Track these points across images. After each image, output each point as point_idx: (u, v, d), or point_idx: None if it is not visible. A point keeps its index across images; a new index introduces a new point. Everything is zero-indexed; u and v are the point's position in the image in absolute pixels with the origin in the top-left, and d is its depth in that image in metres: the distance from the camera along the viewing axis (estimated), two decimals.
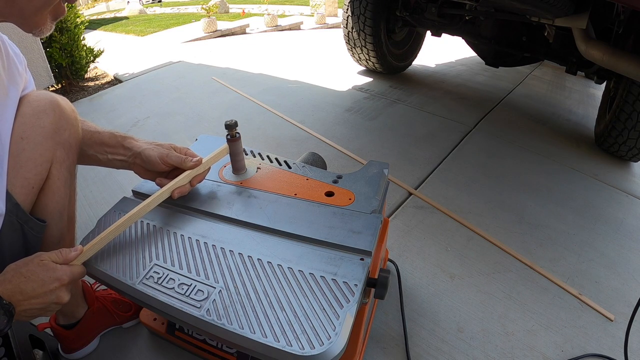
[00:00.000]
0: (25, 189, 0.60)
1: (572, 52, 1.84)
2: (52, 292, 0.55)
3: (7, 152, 0.58)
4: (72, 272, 0.58)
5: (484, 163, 1.66)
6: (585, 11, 1.40)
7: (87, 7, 15.52)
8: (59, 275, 0.55)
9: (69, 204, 0.70)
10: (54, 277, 0.55)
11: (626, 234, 1.32)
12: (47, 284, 0.54)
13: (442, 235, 1.23)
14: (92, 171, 1.52)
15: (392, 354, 0.88)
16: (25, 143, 0.59)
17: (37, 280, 0.53)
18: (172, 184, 0.71)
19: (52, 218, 0.66)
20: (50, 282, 0.54)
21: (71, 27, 2.49)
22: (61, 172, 0.66)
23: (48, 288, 0.54)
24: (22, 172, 0.60)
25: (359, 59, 2.55)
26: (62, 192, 0.66)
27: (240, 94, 2.27)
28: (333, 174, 0.82)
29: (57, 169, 0.65)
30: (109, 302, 0.89)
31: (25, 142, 0.60)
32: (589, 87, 3.13)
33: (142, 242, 0.67)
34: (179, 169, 0.74)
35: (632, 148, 1.74)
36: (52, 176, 0.64)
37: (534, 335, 0.94)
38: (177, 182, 0.71)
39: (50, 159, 0.63)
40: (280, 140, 1.76)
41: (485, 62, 2.43)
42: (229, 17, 8.06)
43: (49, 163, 0.63)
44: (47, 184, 0.64)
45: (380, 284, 0.62)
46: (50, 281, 0.54)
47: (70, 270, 0.57)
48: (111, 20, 9.63)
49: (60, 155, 0.65)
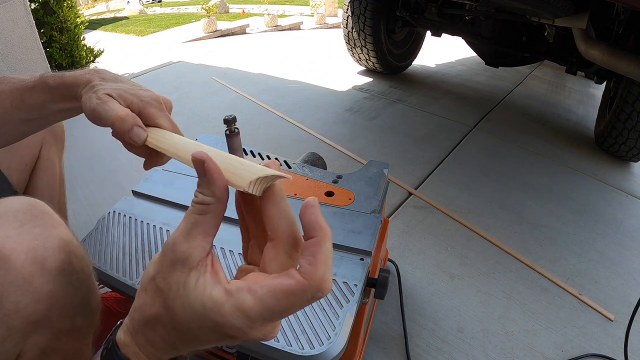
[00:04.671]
0: (20, 165, 0.66)
1: (572, 52, 1.84)
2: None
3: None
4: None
5: (484, 163, 1.66)
6: (585, 11, 1.40)
7: (87, 7, 15.52)
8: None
9: (59, 190, 0.76)
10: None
11: (626, 234, 1.32)
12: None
13: (442, 235, 1.23)
14: (92, 171, 1.52)
15: (392, 354, 0.88)
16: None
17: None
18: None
19: (43, 198, 0.68)
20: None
21: (71, 27, 2.50)
22: (50, 153, 0.73)
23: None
24: (19, 149, 0.66)
25: (359, 59, 2.55)
26: (51, 172, 0.74)
27: (240, 94, 2.27)
28: (333, 174, 0.82)
29: (46, 149, 0.72)
30: (111, 302, 0.89)
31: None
32: (589, 87, 3.14)
33: (142, 242, 0.67)
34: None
35: (632, 148, 1.74)
36: (42, 156, 0.71)
37: (534, 335, 0.94)
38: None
39: (41, 140, 0.70)
40: (280, 140, 1.76)
41: (485, 62, 2.43)
42: (229, 17, 8.06)
43: (40, 144, 0.71)
44: (37, 164, 0.71)
45: (380, 284, 0.62)
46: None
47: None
48: (111, 20, 9.63)
49: (49, 138, 0.72)
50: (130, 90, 0.42)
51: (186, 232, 0.27)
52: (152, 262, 0.28)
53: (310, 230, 0.26)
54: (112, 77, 0.44)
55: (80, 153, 1.64)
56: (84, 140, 1.75)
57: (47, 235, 0.38)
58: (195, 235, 0.26)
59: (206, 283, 0.26)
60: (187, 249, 0.26)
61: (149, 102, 0.41)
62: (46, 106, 0.46)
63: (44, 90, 0.45)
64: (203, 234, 0.27)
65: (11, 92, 0.45)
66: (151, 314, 0.27)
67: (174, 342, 0.28)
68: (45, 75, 0.45)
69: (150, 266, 0.28)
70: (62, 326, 0.38)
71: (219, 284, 0.26)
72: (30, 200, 0.40)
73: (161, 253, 0.27)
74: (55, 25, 2.42)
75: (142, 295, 0.28)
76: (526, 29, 2.05)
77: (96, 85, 0.42)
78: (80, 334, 0.41)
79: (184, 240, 0.26)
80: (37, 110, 0.46)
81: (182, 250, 0.26)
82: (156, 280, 0.27)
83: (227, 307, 0.25)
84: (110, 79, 0.44)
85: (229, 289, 0.25)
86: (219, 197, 0.27)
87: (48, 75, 0.45)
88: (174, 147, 0.37)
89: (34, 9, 2.35)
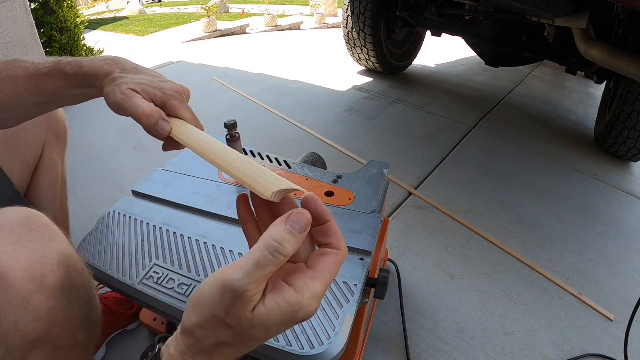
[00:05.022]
0: (22, 166, 0.65)
1: (572, 52, 1.84)
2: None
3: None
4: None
5: (484, 163, 1.66)
6: (585, 11, 1.40)
7: (87, 7, 15.52)
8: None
9: (61, 190, 0.74)
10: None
11: (626, 234, 1.32)
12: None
13: (442, 235, 1.23)
14: (92, 171, 1.52)
15: (392, 354, 0.88)
16: (24, 124, 0.63)
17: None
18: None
19: (46, 198, 0.69)
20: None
21: (71, 27, 2.50)
22: (52, 154, 0.71)
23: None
24: (20, 150, 0.65)
25: (359, 59, 2.55)
26: (53, 172, 0.72)
27: (240, 94, 2.27)
28: (333, 174, 0.82)
29: (49, 150, 0.71)
30: (111, 302, 0.89)
31: (24, 123, 0.64)
32: (589, 87, 3.13)
33: (142, 242, 0.67)
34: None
35: (632, 148, 1.74)
36: (44, 156, 0.70)
37: (534, 335, 0.94)
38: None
39: (43, 140, 0.69)
40: (280, 140, 1.76)
41: (485, 62, 2.43)
42: (229, 17, 8.06)
43: (42, 144, 0.69)
44: (40, 164, 0.70)
45: (380, 284, 0.62)
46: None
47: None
48: (111, 20, 9.63)
49: (52, 139, 0.71)
50: (152, 84, 0.43)
51: (249, 272, 0.27)
52: (207, 302, 0.28)
53: (323, 216, 0.31)
54: (132, 68, 0.45)
55: (80, 153, 1.64)
56: (84, 140, 1.75)
57: (46, 250, 0.37)
58: (261, 279, 0.27)
59: (277, 301, 0.28)
60: (252, 292, 0.27)
61: (171, 94, 0.43)
62: (61, 92, 0.46)
63: (59, 77, 0.45)
64: (266, 278, 0.28)
65: (25, 77, 0.45)
66: (217, 342, 0.29)
67: (239, 353, 0.30)
68: (61, 62, 0.45)
69: (206, 306, 0.28)
70: (63, 343, 0.38)
71: (284, 289, 0.28)
72: (28, 212, 0.40)
73: (219, 292, 0.27)
74: (55, 25, 2.42)
75: (199, 331, 0.29)
76: (526, 29, 2.05)
77: (118, 79, 0.42)
78: (82, 349, 0.41)
79: (248, 282, 0.27)
80: (52, 95, 0.46)
81: (248, 295, 0.27)
82: (221, 319, 0.28)
83: (305, 301, 0.28)
84: (131, 70, 0.44)
85: (297, 286, 0.28)
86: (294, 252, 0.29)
87: (64, 61, 0.45)
88: (198, 145, 0.39)
89: (34, 9, 2.35)
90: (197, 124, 0.44)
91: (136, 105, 0.40)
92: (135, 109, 0.40)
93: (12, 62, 0.46)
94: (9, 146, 0.63)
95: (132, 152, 1.66)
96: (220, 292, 0.27)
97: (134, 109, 0.40)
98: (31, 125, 0.66)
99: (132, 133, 1.80)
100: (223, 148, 0.38)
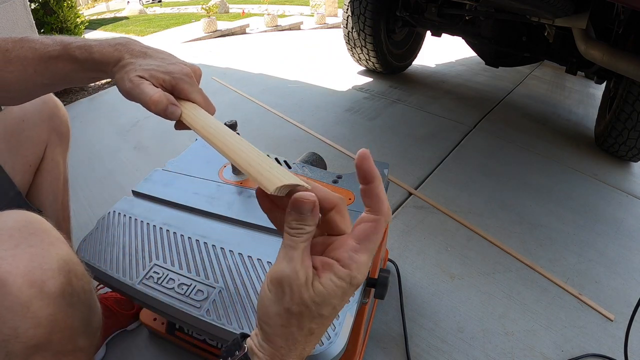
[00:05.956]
0: (24, 166, 0.65)
1: (572, 52, 1.84)
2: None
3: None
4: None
5: (484, 163, 1.66)
6: (585, 11, 1.40)
7: (87, 7, 15.52)
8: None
9: (63, 190, 0.73)
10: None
11: (626, 234, 1.32)
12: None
13: (442, 235, 1.23)
14: (92, 171, 1.52)
15: (392, 354, 0.88)
16: (25, 124, 0.65)
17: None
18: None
19: (47, 198, 0.69)
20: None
21: (71, 27, 2.50)
22: (54, 154, 0.71)
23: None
24: (22, 150, 0.64)
25: (359, 59, 2.55)
26: (55, 173, 0.72)
27: (240, 94, 2.27)
28: (333, 174, 0.82)
29: (51, 150, 0.70)
30: (111, 302, 0.89)
31: (25, 123, 0.64)
32: (589, 87, 3.13)
33: (142, 242, 0.67)
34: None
35: (632, 148, 1.74)
36: (46, 157, 0.70)
37: (534, 335, 0.94)
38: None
39: (45, 141, 0.69)
40: (280, 140, 1.76)
41: (485, 62, 2.43)
42: (229, 17, 8.06)
43: (45, 144, 0.69)
44: (42, 165, 0.69)
45: (380, 284, 0.62)
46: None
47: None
48: (111, 21, 9.64)
49: (54, 139, 0.70)
50: (160, 68, 0.42)
51: (289, 258, 0.30)
52: (272, 302, 0.31)
53: (367, 177, 0.31)
54: (141, 51, 0.44)
55: (80, 153, 1.64)
56: (84, 140, 1.75)
57: (45, 256, 0.37)
58: (301, 257, 0.30)
59: (329, 277, 0.30)
60: (302, 273, 0.30)
61: (180, 77, 0.43)
62: (71, 75, 0.46)
63: (69, 61, 0.45)
64: (306, 255, 0.31)
65: (34, 59, 0.45)
66: (302, 330, 0.31)
67: (319, 336, 0.33)
68: (70, 46, 0.44)
69: (272, 307, 0.31)
70: (64, 348, 0.37)
71: (333, 265, 0.30)
72: (27, 215, 0.39)
73: (277, 288, 0.30)
74: (55, 25, 2.42)
75: (278, 340, 0.31)
76: (526, 29, 2.05)
77: (127, 65, 0.42)
78: (83, 354, 0.41)
79: (293, 266, 0.30)
80: (61, 77, 0.47)
81: (300, 276, 0.29)
82: (290, 310, 0.30)
83: (353, 272, 0.30)
84: (139, 54, 0.44)
85: (343, 261, 0.30)
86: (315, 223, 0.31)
87: (73, 45, 0.44)
88: (206, 131, 0.40)
89: (34, 9, 2.35)
90: (209, 106, 0.45)
91: (144, 93, 0.40)
92: (143, 96, 0.40)
93: (20, 42, 0.45)
94: (10, 146, 0.63)
95: (132, 152, 1.66)
96: (278, 286, 0.30)
97: (142, 97, 0.40)
98: (33, 126, 0.66)
99: (132, 133, 1.80)
100: (232, 136, 0.38)
